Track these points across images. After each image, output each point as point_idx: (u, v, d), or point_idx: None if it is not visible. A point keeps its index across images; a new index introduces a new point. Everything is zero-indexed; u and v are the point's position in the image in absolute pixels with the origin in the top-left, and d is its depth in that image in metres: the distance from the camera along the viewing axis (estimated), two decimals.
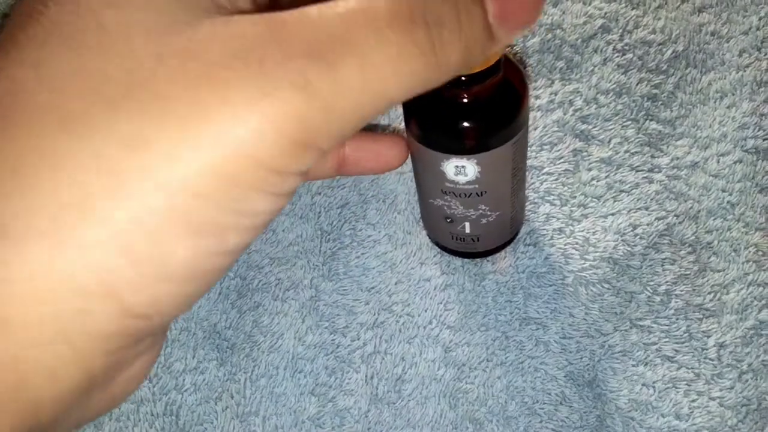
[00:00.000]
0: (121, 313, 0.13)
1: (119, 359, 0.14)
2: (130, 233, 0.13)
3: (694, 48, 0.35)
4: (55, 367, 0.13)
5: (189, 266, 0.14)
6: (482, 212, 0.27)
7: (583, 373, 0.29)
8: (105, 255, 0.13)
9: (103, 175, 0.13)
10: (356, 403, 0.29)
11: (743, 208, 0.31)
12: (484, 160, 0.24)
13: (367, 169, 0.26)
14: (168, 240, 0.13)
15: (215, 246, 0.14)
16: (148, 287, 0.13)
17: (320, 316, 0.31)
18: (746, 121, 0.33)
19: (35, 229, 0.13)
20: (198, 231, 0.13)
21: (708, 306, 0.30)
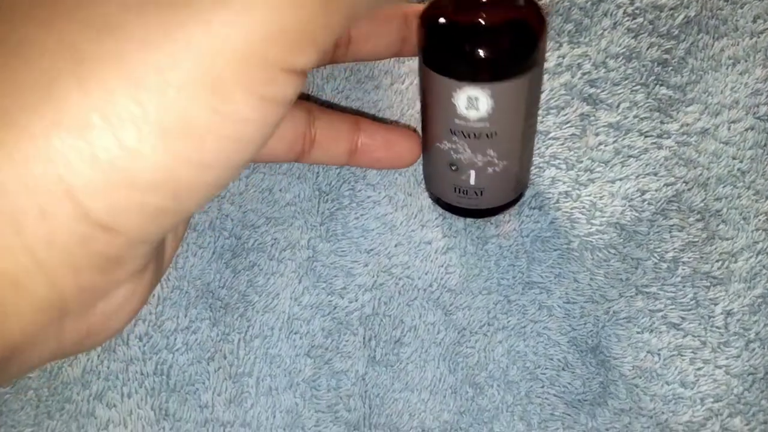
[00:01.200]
0: (81, 218, 0.12)
1: (92, 282, 0.13)
2: (90, 126, 0.11)
3: (707, 14, 0.34)
4: (19, 276, 0.12)
5: (158, 173, 0.12)
6: (490, 159, 0.26)
7: (586, 339, 0.28)
8: (63, 148, 0.11)
9: (68, 60, 0.11)
10: (353, 365, 0.28)
11: (754, 176, 0.30)
12: (499, 91, 0.23)
13: (377, 159, 0.25)
14: (133, 137, 0.12)
15: (190, 151, 0.12)
16: (111, 191, 0.12)
17: (317, 277, 0.30)
18: (759, 88, 0.32)
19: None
20: (168, 129, 0.12)
21: (716, 274, 0.29)
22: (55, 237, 0.12)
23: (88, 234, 0.12)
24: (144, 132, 0.12)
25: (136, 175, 0.12)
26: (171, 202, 0.13)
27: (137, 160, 0.12)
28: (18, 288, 0.12)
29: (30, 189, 0.11)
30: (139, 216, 0.12)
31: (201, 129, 0.12)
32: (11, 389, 0.28)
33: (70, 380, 0.28)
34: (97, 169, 0.12)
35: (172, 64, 0.11)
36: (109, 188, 0.12)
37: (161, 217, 0.13)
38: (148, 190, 0.12)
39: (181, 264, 0.30)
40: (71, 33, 0.12)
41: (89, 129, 0.11)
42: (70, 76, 0.11)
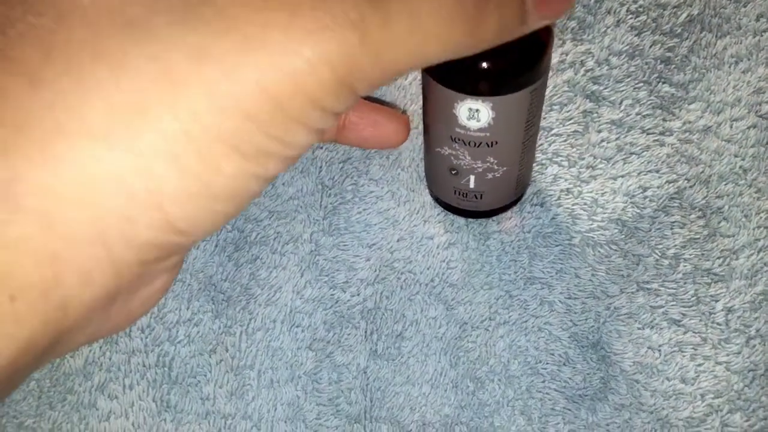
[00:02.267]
0: (162, 224, 0.13)
1: (149, 272, 0.14)
2: (181, 144, 0.13)
3: (710, 12, 0.34)
4: (90, 269, 0.13)
5: (231, 187, 0.14)
6: (490, 165, 0.26)
7: (587, 334, 0.28)
8: (155, 162, 0.13)
9: (161, 82, 0.13)
10: (354, 359, 0.28)
11: (756, 174, 0.31)
12: (500, 104, 0.23)
13: (364, 138, 0.25)
14: (216, 157, 0.13)
15: (257, 171, 0.14)
16: (192, 202, 0.13)
17: (320, 271, 0.30)
18: (761, 86, 0.32)
19: (88, 127, 0.12)
20: (244, 153, 0.14)
21: (717, 271, 0.29)
22: (134, 238, 0.13)
23: (163, 236, 0.14)
24: (224, 152, 0.13)
25: (217, 189, 0.14)
26: (234, 209, 0.15)
27: (217, 175, 0.14)
28: (86, 280, 0.13)
29: (121, 198, 0.13)
30: (210, 221, 0.14)
31: (266, 152, 0.14)
32: None
33: (72, 371, 0.28)
34: (183, 182, 0.13)
35: (251, 98, 0.13)
36: (191, 198, 0.13)
37: (222, 221, 0.15)
38: (222, 200, 0.14)
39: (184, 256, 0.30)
40: (166, 57, 0.13)
41: (180, 148, 0.13)
42: (163, 98, 0.13)
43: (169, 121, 0.13)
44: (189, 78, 0.13)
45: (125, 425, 0.28)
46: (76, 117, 0.12)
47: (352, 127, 0.24)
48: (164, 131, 0.13)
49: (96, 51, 0.13)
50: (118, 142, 0.13)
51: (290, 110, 0.14)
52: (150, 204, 0.13)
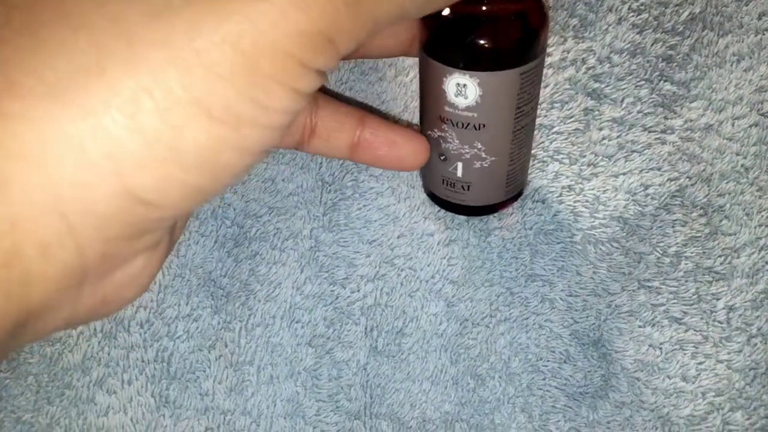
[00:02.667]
0: (123, 192, 0.12)
1: (117, 250, 0.13)
2: (141, 105, 0.12)
3: (712, 10, 0.34)
4: (49, 241, 0.12)
5: (202, 153, 0.13)
6: (477, 152, 0.26)
7: (588, 332, 0.28)
8: (113, 125, 0.12)
9: (120, 41, 0.12)
10: (354, 355, 0.28)
11: (757, 172, 0.30)
12: (487, 81, 0.23)
13: (379, 157, 0.25)
14: (180, 119, 0.12)
15: (232, 136, 0.13)
16: (155, 168, 0.12)
17: (319, 267, 0.30)
18: (763, 85, 0.32)
19: (46, 87, 0.12)
20: (212, 114, 0.13)
21: (718, 269, 0.29)
22: (92, 207, 0.12)
23: (125, 207, 0.13)
24: (190, 114, 0.12)
25: (181, 154, 0.13)
26: (208, 182, 0.13)
27: (183, 140, 0.12)
28: (46, 253, 0.12)
29: (77, 162, 0.12)
30: (178, 193, 0.13)
31: (242, 117, 0.13)
32: (11, 374, 0.28)
33: (71, 366, 0.28)
34: (144, 147, 0.12)
35: (218, 54, 0.12)
36: (154, 165, 0.12)
37: (196, 195, 0.14)
38: (190, 168, 0.13)
39: (183, 252, 0.30)
40: (125, 16, 0.12)
41: (139, 109, 0.12)
42: (121, 57, 0.12)
43: (127, 80, 0.12)
44: (148, 36, 0.12)
45: (124, 420, 0.27)
46: (33, 75, 0.12)
47: (366, 145, 0.24)
48: (121, 90, 0.12)
49: (57, 12, 0.12)
50: (74, 101, 0.12)
51: (264, 66, 0.13)
52: (107, 169, 0.12)
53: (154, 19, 0.12)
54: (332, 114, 0.24)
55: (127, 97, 0.12)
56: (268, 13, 0.12)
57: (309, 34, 0.13)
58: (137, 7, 0.12)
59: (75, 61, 0.12)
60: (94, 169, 0.12)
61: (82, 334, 0.28)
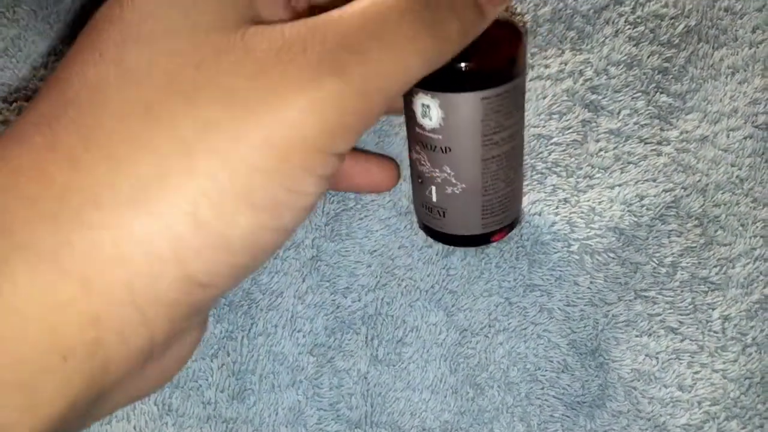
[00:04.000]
0: (185, 279, 0.14)
1: (179, 329, 0.15)
2: (199, 205, 0.14)
3: (707, 23, 0.34)
4: (125, 330, 0.14)
5: (247, 238, 0.15)
6: (447, 177, 0.25)
7: (586, 341, 0.28)
8: (176, 224, 0.14)
9: (178, 154, 0.14)
10: (355, 364, 0.28)
11: (752, 183, 0.31)
12: (446, 103, 0.23)
13: (356, 185, 0.27)
14: (231, 212, 0.14)
15: (271, 221, 0.15)
16: (210, 256, 0.15)
17: (321, 277, 0.30)
18: (758, 97, 0.32)
19: (120, 199, 0.14)
20: (256, 205, 0.15)
21: (713, 279, 0.29)
22: (161, 296, 0.14)
23: (187, 291, 0.15)
24: (238, 206, 0.15)
25: (231, 240, 0.15)
26: (251, 261, 0.16)
27: (232, 228, 0.15)
28: (123, 339, 0.14)
29: (147, 259, 0.14)
30: (227, 273, 0.15)
31: (279, 203, 0.15)
32: None
33: None
34: (201, 238, 0.14)
35: (261, 155, 0.15)
36: (209, 252, 0.15)
37: (241, 273, 0.16)
38: (237, 252, 0.15)
39: None
40: (180, 132, 0.15)
41: (198, 207, 0.14)
42: (182, 167, 0.14)
43: (186, 184, 0.14)
44: (201, 147, 0.14)
45: (127, 429, 0.28)
46: (108, 190, 0.14)
47: (344, 176, 0.26)
48: (182, 194, 0.14)
49: (123, 136, 0.15)
50: (143, 207, 0.14)
51: (295, 158, 0.15)
52: (171, 261, 0.14)
53: (204, 131, 0.14)
54: None
55: (189, 199, 0.14)
56: (294, 115, 0.15)
57: (328, 125, 0.15)
58: (190, 125, 0.15)
59: (143, 175, 0.14)
60: (161, 262, 0.14)
61: None
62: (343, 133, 0.15)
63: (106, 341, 0.14)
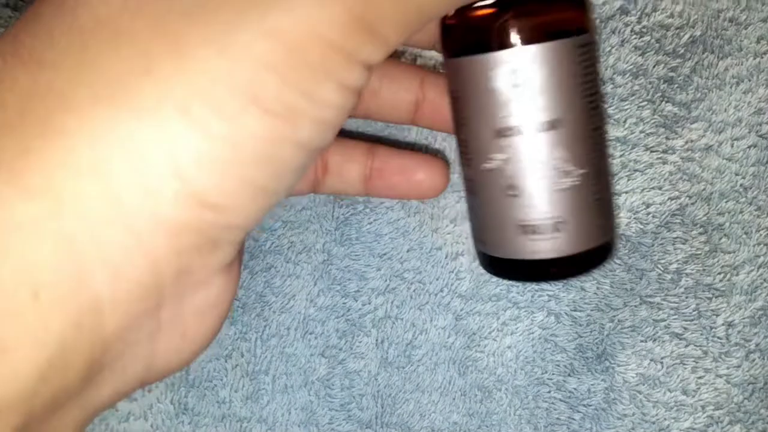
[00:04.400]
0: (189, 196, 0.12)
1: (192, 266, 0.12)
2: (193, 99, 0.12)
3: (712, 33, 0.35)
4: (115, 256, 0.11)
5: (258, 147, 0.12)
6: (559, 165, 0.19)
7: (592, 346, 0.29)
8: (168, 121, 0.11)
9: (164, 42, 0.12)
10: (366, 366, 0.29)
11: (756, 192, 0.32)
12: (546, 54, 0.18)
13: (393, 186, 0.23)
14: (234, 111, 0.12)
15: (287, 130, 0.12)
16: (216, 166, 0.12)
17: (332, 280, 0.31)
18: (762, 107, 0.33)
19: (97, 97, 0.11)
20: (267, 107, 0.12)
21: (718, 286, 0.30)
22: (159, 216, 0.12)
23: (193, 212, 0.12)
24: (243, 105, 0.12)
25: (239, 148, 0.12)
26: (270, 180, 0.13)
27: (238, 132, 0.12)
28: (115, 270, 0.11)
29: (136, 167, 0.11)
30: (243, 193, 0.12)
31: (293, 108, 0.12)
32: None
33: None
34: (201, 141, 0.12)
35: (264, 45, 0.12)
36: (214, 162, 0.12)
37: (261, 196, 0.13)
38: (249, 164, 0.12)
39: None
40: (164, 19, 0.12)
41: (192, 103, 0.12)
42: (168, 56, 0.12)
43: (177, 76, 0.12)
44: (193, 34, 0.12)
45: (144, 426, 0.29)
46: (81, 88, 0.12)
47: (378, 175, 0.22)
48: (173, 87, 0.12)
49: (96, 27, 0.12)
50: (126, 104, 0.11)
51: (310, 57, 0.12)
52: (168, 170, 0.11)
53: (195, 18, 0.12)
54: (340, 148, 0.23)
55: (179, 93, 0.12)
56: (306, 3, 0.12)
57: (349, 22, 0.12)
58: (175, 9, 0.12)
59: (122, 67, 0.12)
60: (155, 172, 0.11)
61: None
62: (368, 35, 0.13)
63: (91, 273, 0.11)
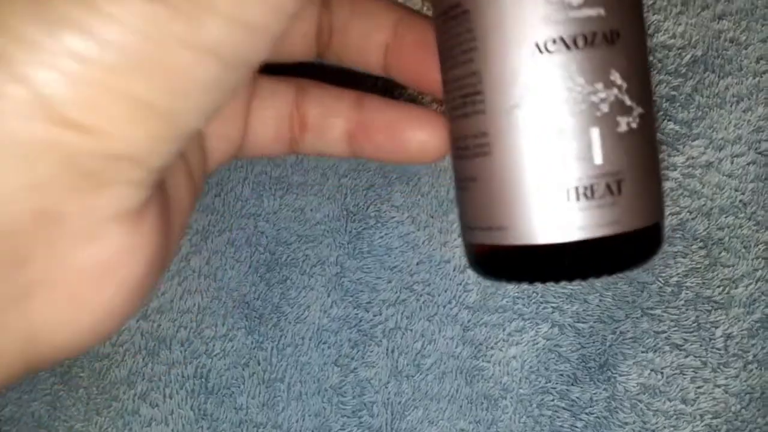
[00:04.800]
0: (41, 108, 0.09)
1: (59, 206, 0.10)
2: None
3: (713, 53, 0.36)
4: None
5: (138, 48, 0.09)
6: (618, 97, 0.14)
7: (595, 356, 0.30)
8: (17, 24, 0.09)
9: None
10: (377, 374, 0.30)
11: (755, 207, 0.33)
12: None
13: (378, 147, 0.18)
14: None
15: (178, 26, 0.09)
16: (75, 69, 0.09)
17: (344, 292, 0.32)
18: (761, 125, 0.34)
19: None
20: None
21: (717, 299, 0.31)
22: (2, 135, 0.09)
23: (49, 131, 0.09)
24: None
25: (108, 48, 0.09)
26: (161, 97, 0.10)
27: (106, 25, 0.09)
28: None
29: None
30: (120, 111, 0.09)
31: (199, 0, 0.09)
32: (64, 387, 0.31)
33: (117, 380, 0.31)
34: (49, 37, 0.09)
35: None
36: (72, 63, 0.09)
37: (152, 120, 0.10)
38: (125, 71, 0.09)
39: (220, 276, 0.32)
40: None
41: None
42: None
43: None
44: None
45: (165, 431, 0.30)
46: None
47: (361, 131, 0.18)
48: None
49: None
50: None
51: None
52: (6, 73, 0.09)
53: None
54: (321, 100, 0.19)
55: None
56: None
57: None
58: None
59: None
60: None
61: (128, 351, 0.31)
62: None
63: None
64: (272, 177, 0.32)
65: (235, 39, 0.10)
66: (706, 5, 0.36)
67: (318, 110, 0.19)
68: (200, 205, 0.32)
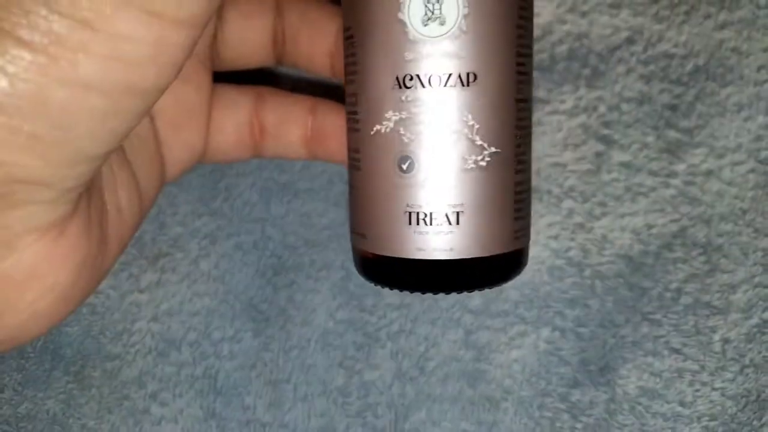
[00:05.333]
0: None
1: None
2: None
3: (715, 62, 0.37)
4: None
5: (19, 91, 0.10)
6: (468, 135, 0.15)
7: (595, 360, 0.31)
8: None
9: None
10: (381, 376, 0.31)
11: (754, 215, 0.33)
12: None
13: (331, 153, 0.18)
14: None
15: (61, 70, 0.10)
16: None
17: (350, 295, 0.33)
18: (761, 134, 0.35)
19: None
20: (20, 36, 0.10)
21: (715, 304, 0.31)
22: None
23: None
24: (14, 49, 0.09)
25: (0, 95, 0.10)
26: (48, 131, 0.10)
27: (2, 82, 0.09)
28: None
29: None
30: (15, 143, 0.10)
31: (63, 41, 0.10)
32: (77, 385, 0.31)
33: (129, 380, 0.32)
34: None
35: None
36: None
37: (44, 150, 0.10)
38: (15, 110, 0.10)
39: (228, 280, 0.33)
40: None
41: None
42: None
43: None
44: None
45: (175, 429, 0.31)
46: None
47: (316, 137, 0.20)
48: None
49: None
50: None
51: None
52: None
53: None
54: (278, 107, 0.20)
55: None
56: None
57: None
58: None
59: None
60: None
61: (139, 351, 0.32)
62: None
63: None
64: (279, 183, 0.33)
65: (116, 73, 0.10)
66: (708, 15, 0.37)
67: (275, 116, 0.20)
68: (209, 210, 0.33)
